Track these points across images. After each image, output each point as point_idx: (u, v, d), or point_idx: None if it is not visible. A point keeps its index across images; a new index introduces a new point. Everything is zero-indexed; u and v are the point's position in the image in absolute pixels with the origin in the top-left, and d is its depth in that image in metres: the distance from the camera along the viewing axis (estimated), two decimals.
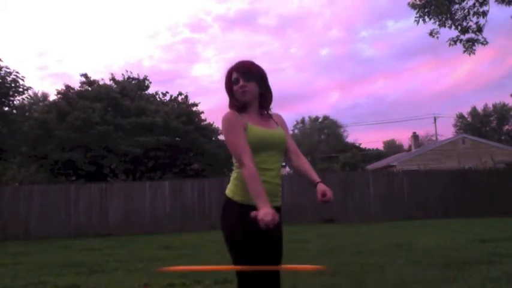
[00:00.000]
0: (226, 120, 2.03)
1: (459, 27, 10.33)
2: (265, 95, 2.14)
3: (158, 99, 21.99)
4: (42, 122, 18.05)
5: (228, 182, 2.12)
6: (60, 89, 20.06)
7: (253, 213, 1.81)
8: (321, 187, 2.10)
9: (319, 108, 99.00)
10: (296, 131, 56.39)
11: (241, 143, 1.98)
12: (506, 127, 46.43)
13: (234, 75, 2.07)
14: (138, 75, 22.05)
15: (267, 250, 2.01)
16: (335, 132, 54.55)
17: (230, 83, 2.10)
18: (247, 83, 2.05)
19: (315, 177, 2.15)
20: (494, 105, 46.82)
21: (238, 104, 2.08)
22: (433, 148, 26.05)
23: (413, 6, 10.28)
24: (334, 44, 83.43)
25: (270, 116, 2.17)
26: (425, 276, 4.40)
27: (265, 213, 1.77)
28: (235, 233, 1.97)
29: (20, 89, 16.65)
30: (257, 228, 1.81)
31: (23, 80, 16.51)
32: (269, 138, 2.07)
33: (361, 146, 51.27)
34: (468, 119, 47.45)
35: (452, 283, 4.06)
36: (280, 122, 2.21)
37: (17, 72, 16.34)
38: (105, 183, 15.61)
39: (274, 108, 2.23)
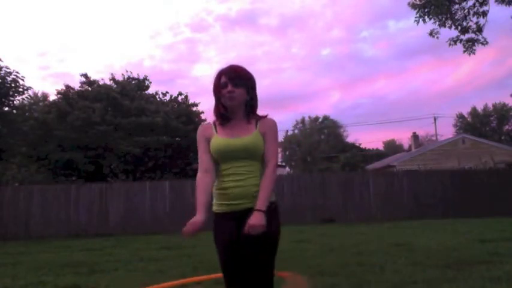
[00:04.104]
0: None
1: (459, 27, 10.34)
2: (251, 102, 2.13)
3: (158, 99, 21.99)
4: (42, 122, 18.04)
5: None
6: (60, 89, 20.08)
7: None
8: (254, 219, 1.90)
9: (319, 108, 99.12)
10: (296, 131, 56.45)
11: (200, 156, 2.14)
12: (506, 127, 46.40)
13: (223, 79, 2.07)
14: (138, 75, 22.06)
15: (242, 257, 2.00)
16: (335, 132, 54.58)
17: (218, 86, 2.09)
18: (236, 89, 2.05)
19: (260, 202, 1.96)
20: (494, 105, 46.79)
21: (222, 110, 2.11)
22: (433, 148, 26.05)
23: (413, 6, 10.29)
24: (335, 44, 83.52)
25: (256, 121, 2.13)
26: (425, 276, 4.40)
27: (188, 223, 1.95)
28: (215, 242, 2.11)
29: (20, 89, 16.62)
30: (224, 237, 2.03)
31: (23, 80, 16.50)
32: (225, 149, 2.06)
33: (361, 146, 51.28)
34: (468, 119, 47.43)
35: (452, 283, 4.06)
36: (264, 129, 2.11)
37: (17, 72, 16.33)
38: (105, 183, 15.61)
39: (275, 108, 2.22)
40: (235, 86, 2.04)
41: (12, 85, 16.26)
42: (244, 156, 2.05)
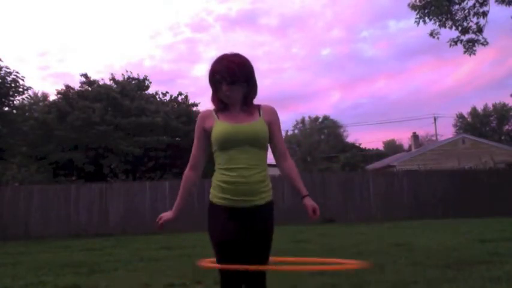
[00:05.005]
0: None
1: (459, 28, 10.35)
2: (249, 93, 2.06)
3: (158, 99, 21.98)
4: (42, 122, 18.04)
5: None
6: (60, 89, 20.09)
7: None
8: (310, 202, 2.07)
9: (319, 108, 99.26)
10: (296, 131, 56.44)
11: (193, 148, 2.15)
12: (506, 127, 46.41)
13: (218, 77, 1.99)
14: (138, 75, 22.05)
15: (245, 249, 2.00)
16: (335, 132, 54.58)
17: (214, 82, 2.04)
18: (231, 86, 1.98)
19: (302, 189, 2.10)
20: (494, 105, 46.79)
21: (219, 105, 2.06)
22: (433, 148, 26.06)
23: (413, 7, 10.30)
24: (335, 44, 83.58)
25: (257, 109, 2.08)
26: (425, 276, 4.40)
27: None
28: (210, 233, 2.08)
29: (20, 89, 16.63)
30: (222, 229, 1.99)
31: (23, 80, 16.51)
32: (230, 134, 1.97)
33: (361, 146, 51.29)
34: (468, 119, 47.43)
35: (452, 283, 4.06)
36: (269, 117, 2.07)
37: (17, 72, 16.34)
38: (105, 183, 15.61)
39: (276, 109, 2.15)
40: (231, 84, 1.97)
41: (12, 85, 16.26)
42: (250, 143, 1.98)
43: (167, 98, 22.47)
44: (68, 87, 20.03)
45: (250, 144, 1.98)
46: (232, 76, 1.96)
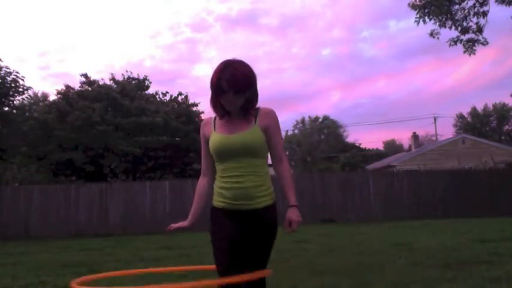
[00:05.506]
0: None
1: (459, 28, 10.34)
2: (249, 100, 2.03)
3: (158, 99, 21.98)
4: (42, 122, 18.04)
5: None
6: (60, 89, 20.09)
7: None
8: (291, 214, 2.01)
9: (320, 108, 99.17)
10: (296, 131, 56.44)
11: (202, 154, 2.20)
12: (506, 127, 46.38)
13: (224, 84, 1.94)
14: (138, 75, 22.05)
15: (241, 254, 2.00)
16: (335, 132, 54.57)
17: (217, 88, 1.98)
18: (235, 96, 1.95)
19: (291, 198, 2.06)
20: (494, 105, 46.76)
21: (221, 111, 2.04)
22: (433, 148, 26.06)
23: (413, 7, 10.28)
24: (335, 44, 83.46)
25: (255, 115, 2.05)
26: (425, 276, 4.40)
27: None
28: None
29: (20, 89, 16.64)
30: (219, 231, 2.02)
31: (23, 80, 16.52)
32: (224, 145, 2.00)
33: (361, 146, 51.26)
34: (468, 119, 47.42)
35: (452, 283, 4.06)
36: (265, 121, 2.05)
37: (17, 72, 16.35)
38: (105, 183, 15.61)
39: (276, 108, 2.12)
40: (236, 93, 1.95)
41: (12, 85, 16.27)
42: (243, 153, 1.99)
43: (167, 98, 22.49)
44: (68, 87, 20.03)
45: (243, 154, 2.00)
46: (238, 86, 1.94)
